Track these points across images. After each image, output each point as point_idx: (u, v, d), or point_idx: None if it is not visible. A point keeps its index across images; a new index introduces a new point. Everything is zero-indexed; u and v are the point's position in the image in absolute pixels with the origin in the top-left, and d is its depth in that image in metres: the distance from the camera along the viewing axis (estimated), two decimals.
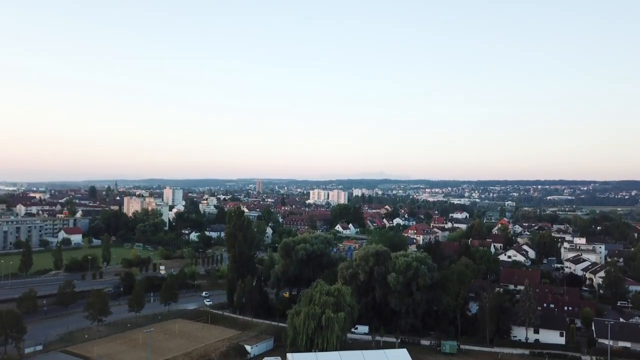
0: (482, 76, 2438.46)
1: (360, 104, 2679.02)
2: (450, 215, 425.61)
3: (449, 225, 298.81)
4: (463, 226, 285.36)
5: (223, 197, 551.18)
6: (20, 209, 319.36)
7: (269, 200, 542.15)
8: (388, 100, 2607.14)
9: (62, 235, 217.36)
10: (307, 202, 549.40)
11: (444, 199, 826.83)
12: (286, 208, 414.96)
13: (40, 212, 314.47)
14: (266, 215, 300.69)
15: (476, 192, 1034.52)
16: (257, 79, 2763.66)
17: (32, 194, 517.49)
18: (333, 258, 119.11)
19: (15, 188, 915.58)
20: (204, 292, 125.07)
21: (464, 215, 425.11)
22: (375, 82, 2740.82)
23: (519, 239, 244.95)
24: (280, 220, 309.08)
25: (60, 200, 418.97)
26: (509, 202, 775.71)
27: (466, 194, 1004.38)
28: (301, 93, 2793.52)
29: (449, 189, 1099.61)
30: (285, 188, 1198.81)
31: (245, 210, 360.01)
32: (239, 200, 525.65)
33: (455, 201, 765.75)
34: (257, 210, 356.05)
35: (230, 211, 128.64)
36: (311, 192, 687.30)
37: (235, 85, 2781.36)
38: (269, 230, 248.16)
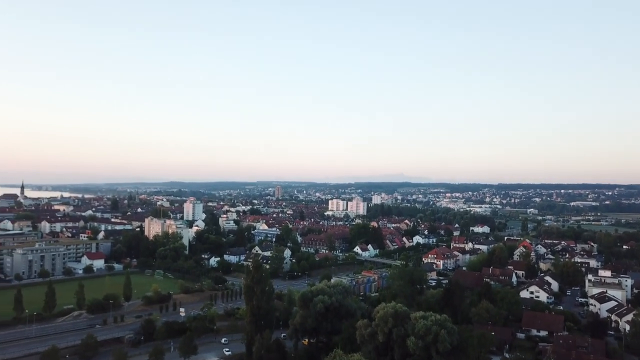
0: (505, 75, 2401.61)
1: (380, 105, 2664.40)
2: (471, 229, 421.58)
3: (470, 245, 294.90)
4: (484, 248, 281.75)
5: (242, 208, 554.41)
6: (45, 226, 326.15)
7: (288, 212, 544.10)
8: (408, 102, 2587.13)
9: (84, 261, 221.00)
10: (326, 213, 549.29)
11: (465, 205, 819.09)
12: (304, 223, 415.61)
13: (64, 229, 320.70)
14: (285, 234, 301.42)
15: (497, 196, 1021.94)
16: (276, 81, 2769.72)
17: (55, 206, 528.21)
18: (351, 309, 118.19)
19: (40, 193, 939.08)
20: (223, 339, 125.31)
21: (485, 229, 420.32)
22: (394, 84, 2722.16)
23: (541, 264, 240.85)
24: (299, 239, 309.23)
25: (83, 214, 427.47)
26: (531, 209, 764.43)
27: (487, 199, 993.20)
28: (321, 95, 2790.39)
29: (470, 193, 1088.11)
30: (304, 192, 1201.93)
31: (265, 226, 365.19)
32: (259, 211, 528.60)
33: (477, 207, 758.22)
34: (276, 226, 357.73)
35: (248, 266, 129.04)
36: (330, 202, 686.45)
37: (254, 88, 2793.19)
38: (287, 253, 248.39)
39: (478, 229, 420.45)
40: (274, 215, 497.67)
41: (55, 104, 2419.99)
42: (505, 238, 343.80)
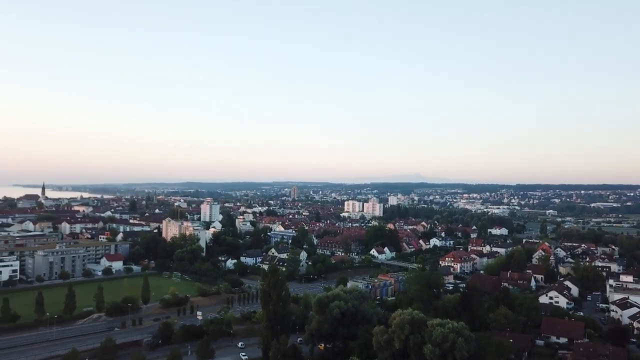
0: (523, 74, 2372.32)
1: (397, 105, 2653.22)
2: (489, 230, 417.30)
3: (487, 248, 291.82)
4: (502, 251, 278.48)
5: (259, 209, 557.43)
6: (65, 227, 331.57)
7: (304, 213, 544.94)
8: (424, 101, 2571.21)
9: (103, 262, 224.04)
10: (342, 214, 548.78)
11: (482, 206, 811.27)
12: (320, 224, 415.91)
13: (84, 231, 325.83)
14: (301, 236, 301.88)
15: (515, 197, 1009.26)
16: (289, 81, 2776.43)
17: (75, 207, 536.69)
18: (367, 314, 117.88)
19: (60, 193, 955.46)
20: (239, 343, 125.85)
21: (503, 231, 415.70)
22: (410, 84, 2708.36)
23: (561, 268, 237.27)
24: (315, 241, 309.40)
25: (102, 215, 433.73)
26: (550, 210, 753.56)
27: (505, 200, 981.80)
28: (336, 95, 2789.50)
29: (487, 194, 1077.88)
30: (320, 192, 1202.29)
31: (281, 228, 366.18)
32: (275, 213, 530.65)
33: (494, 208, 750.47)
34: (292, 228, 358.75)
35: (264, 270, 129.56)
36: (345, 203, 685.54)
37: (270, 88, 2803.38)
38: (304, 255, 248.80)
39: (496, 231, 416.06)
40: (290, 216, 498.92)
41: (77, 106, 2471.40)
42: (524, 240, 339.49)
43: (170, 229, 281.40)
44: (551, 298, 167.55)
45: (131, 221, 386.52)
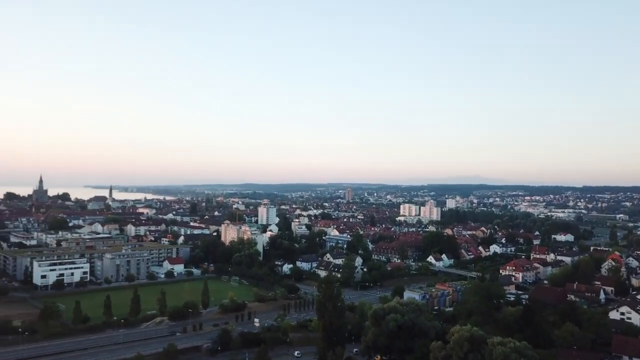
0: (587, 67, 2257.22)
1: (457, 103, 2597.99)
2: (553, 237, 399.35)
3: (551, 256, 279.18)
4: (567, 259, 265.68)
5: (314, 212, 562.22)
6: (130, 229, 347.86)
7: (359, 216, 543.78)
8: (483, 99, 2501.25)
9: (166, 265, 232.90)
10: (398, 219, 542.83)
11: (545, 210, 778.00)
12: (375, 229, 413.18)
13: (147, 233, 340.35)
14: (356, 241, 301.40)
15: (582, 200, 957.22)
16: (345, 83, 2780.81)
17: (139, 209, 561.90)
18: (424, 328, 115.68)
19: (126, 194, 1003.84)
20: (296, 352, 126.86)
21: (569, 237, 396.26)
22: (465, 83, 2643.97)
23: (633, 280, 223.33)
24: (370, 246, 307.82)
25: (164, 217, 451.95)
26: (621, 215, 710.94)
27: (570, 203, 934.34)
28: (395, 94, 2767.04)
29: (551, 196, 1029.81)
30: (375, 194, 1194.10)
31: (336, 232, 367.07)
32: (329, 216, 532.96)
33: (559, 212, 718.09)
34: (347, 232, 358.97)
35: (321, 278, 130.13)
36: (401, 206, 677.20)
37: (324, 89, 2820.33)
38: (359, 261, 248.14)
39: (560, 237, 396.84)
40: (345, 220, 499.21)
41: (149, 112, 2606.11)
42: (592, 248, 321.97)
43: (229, 233, 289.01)
44: (622, 314, 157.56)
45: (191, 224, 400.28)
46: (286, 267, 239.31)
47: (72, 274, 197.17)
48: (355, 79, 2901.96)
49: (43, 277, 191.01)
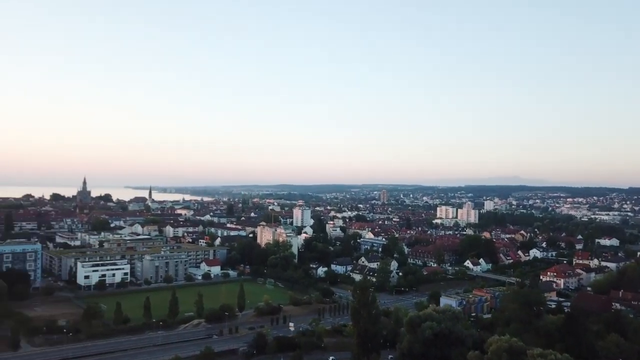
0: (631, 59, 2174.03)
1: (497, 104, 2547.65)
2: (597, 241, 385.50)
3: (595, 262, 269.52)
4: (612, 265, 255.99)
5: (348, 214, 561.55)
6: (169, 230, 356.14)
7: (394, 219, 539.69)
8: (522, 96, 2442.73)
9: (203, 267, 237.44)
10: (434, 221, 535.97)
11: (589, 212, 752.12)
12: (411, 232, 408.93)
13: (185, 234, 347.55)
14: (391, 244, 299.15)
15: (628, 202, 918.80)
16: (379, 82, 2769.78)
17: (177, 210, 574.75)
18: (461, 336, 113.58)
19: (164, 195, 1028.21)
20: (331, 357, 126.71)
21: (614, 242, 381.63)
22: (505, 81, 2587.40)
23: None
24: (406, 250, 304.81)
25: (202, 218, 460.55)
26: None
27: (615, 205, 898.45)
28: (432, 94, 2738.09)
29: (594, 198, 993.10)
30: (411, 195, 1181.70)
31: (371, 235, 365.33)
32: (364, 218, 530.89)
33: (603, 215, 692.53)
34: (382, 235, 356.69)
35: (356, 282, 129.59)
36: (438, 208, 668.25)
37: (360, 89, 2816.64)
38: (394, 265, 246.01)
39: (605, 242, 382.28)
40: (380, 222, 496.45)
41: (182, 114, 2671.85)
42: (639, 254, 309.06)
43: (265, 235, 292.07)
44: None
45: (228, 225, 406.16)
46: (321, 270, 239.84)
47: (114, 274, 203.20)
48: (390, 79, 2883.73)
49: (86, 277, 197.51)
